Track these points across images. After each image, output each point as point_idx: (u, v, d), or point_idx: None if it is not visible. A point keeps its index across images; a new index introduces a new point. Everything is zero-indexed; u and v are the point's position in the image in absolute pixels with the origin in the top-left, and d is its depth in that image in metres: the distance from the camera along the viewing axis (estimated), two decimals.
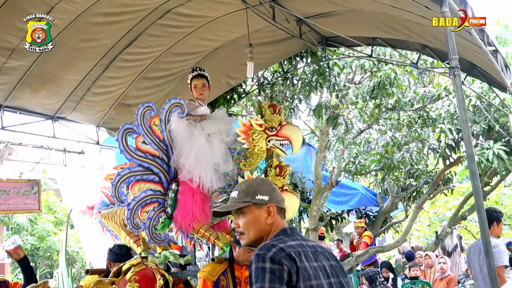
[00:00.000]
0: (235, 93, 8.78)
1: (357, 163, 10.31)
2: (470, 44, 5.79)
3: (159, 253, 4.49)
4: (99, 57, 6.52)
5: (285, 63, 8.62)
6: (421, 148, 9.46)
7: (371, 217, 12.09)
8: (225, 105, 8.48)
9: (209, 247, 6.63)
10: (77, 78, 6.71)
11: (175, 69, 7.37)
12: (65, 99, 7.03)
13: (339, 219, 11.74)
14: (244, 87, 8.99)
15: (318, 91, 8.80)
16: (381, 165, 9.72)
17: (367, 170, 10.49)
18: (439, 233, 11.22)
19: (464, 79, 7.37)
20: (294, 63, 8.62)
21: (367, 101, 8.82)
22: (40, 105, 7.02)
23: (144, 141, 4.34)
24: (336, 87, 8.46)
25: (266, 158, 4.47)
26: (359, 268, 10.40)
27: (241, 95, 9.00)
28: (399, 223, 12.14)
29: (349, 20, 6.89)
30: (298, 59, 8.55)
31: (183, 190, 4.35)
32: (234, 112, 9.57)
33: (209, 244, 5.03)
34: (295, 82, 8.81)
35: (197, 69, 4.97)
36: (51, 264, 13.30)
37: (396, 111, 9.06)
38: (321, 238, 11.26)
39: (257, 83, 9.02)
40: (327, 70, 8.31)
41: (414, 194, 10.71)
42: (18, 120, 7.03)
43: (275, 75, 8.97)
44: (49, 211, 13.47)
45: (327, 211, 10.91)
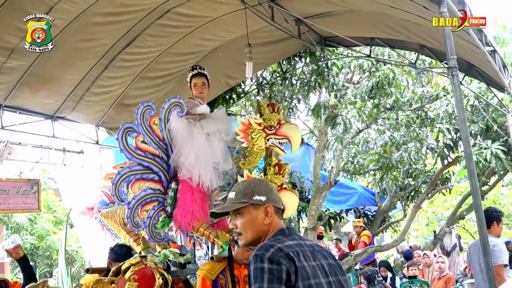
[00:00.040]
0: (234, 93, 8.81)
1: (355, 163, 10.33)
2: (468, 44, 5.81)
3: (159, 252, 4.49)
4: (98, 57, 6.53)
5: (284, 63, 8.64)
6: (420, 147, 9.49)
7: (370, 216, 12.10)
8: (224, 105, 8.49)
9: (208, 246, 6.65)
10: (77, 78, 6.72)
11: (174, 69, 7.38)
12: (64, 99, 7.04)
13: (338, 218, 11.74)
14: (243, 87, 9.01)
15: (316, 91, 8.82)
16: (380, 165, 9.75)
17: (366, 169, 10.51)
18: (437, 232, 11.26)
19: (462, 79, 7.40)
20: (293, 63, 8.66)
21: (365, 101, 8.84)
22: (39, 104, 7.03)
23: (144, 140, 4.35)
24: (334, 87, 8.48)
25: (265, 156, 4.47)
26: (357, 267, 10.41)
27: (240, 95, 9.02)
28: (398, 222, 12.16)
29: (348, 20, 6.92)
30: (297, 59, 8.59)
31: (183, 189, 4.36)
32: (233, 112, 9.59)
33: (208, 242, 5.05)
34: (294, 82, 8.84)
35: (197, 67, 4.97)
36: (51, 263, 13.30)
37: (394, 111, 9.07)
38: (320, 237, 11.28)
39: (256, 83, 9.04)
40: (326, 70, 8.33)
41: (412, 193, 10.73)
42: (17, 119, 7.05)
43: (274, 75, 8.99)
44: (48, 211, 13.45)
45: (326, 211, 10.93)
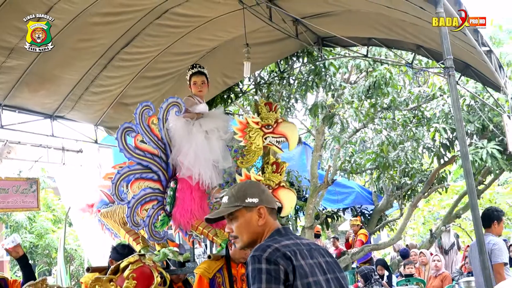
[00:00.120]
0: (232, 93, 8.82)
1: (352, 162, 10.35)
2: (464, 44, 5.85)
3: (158, 251, 4.49)
4: (97, 57, 6.55)
5: (282, 63, 8.66)
6: (416, 147, 9.51)
7: (367, 215, 12.11)
8: (222, 105, 8.52)
9: (206, 244, 6.68)
10: (76, 77, 6.74)
11: (173, 68, 7.40)
12: (63, 98, 7.06)
13: (335, 217, 11.76)
14: (241, 86, 9.02)
15: (314, 90, 8.83)
16: (377, 164, 9.77)
17: (363, 169, 10.53)
18: (433, 231, 11.32)
19: (458, 79, 7.41)
20: (290, 63, 8.67)
21: (362, 100, 8.85)
22: (38, 104, 7.04)
23: (142, 139, 4.36)
24: (332, 87, 8.50)
25: (263, 155, 4.50)
26: (354, 265, 10.46)
27: (238, 94, 9.04)
28: (394, 221, 12.17)
29: (345, 20, 6.94)
30: (294, 59, 8.60)
31: (182, 188, 4.38)
32: (231, 111, 9.61)
33: (207, 241, 5.08)
34: (292, 81, 8.86)
35: (197, 66, 4.98)
36: (50, 261, 13.28)
37: (391, 111, 9.09)
38: (317, 236, 11.30)
39: (253, 83, 9.04)
40: (323, 70, 8.34)
41: (409, 192, 10.75)
42: (17, 119, 7.06)
43: (272, 75, 9.00)
44: (47, 209, 13.44)
45: (323, 210, 10.94)
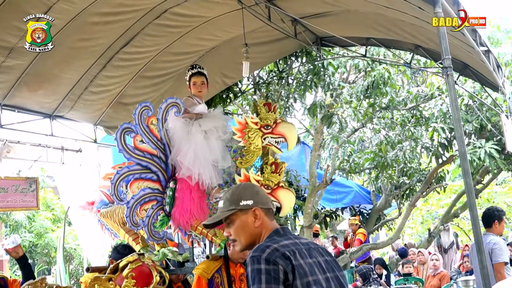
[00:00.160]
0: (231, 92, 8.83)
1: (351, 162, 10.41)
2: (462, 44, 5.87)
3: (158, 251, 4.49)
4: (96, 56, 6.55)
5: (281, 62, 8.68)
6: (414, 146, 9.56)
7: (365, 214, 12.14)
8: (221, 104, 8.53)
9: (205, 244, 6.70)
10: (75, 77, 6.74)
11: (172, 68, 7.41)
12: (62, 98, 7.06)
13: (334, 216, 11.79)
14: (239, 86, 9.03)
15: (313, 90, 8.85)
16: (375, 164, 9.81)
17: (361, 168, 10.58)
18: (431, 230, 11.34)
19: (456, 79, 7.45)
20: (289, 63, 8.69)
21: (361, 100, 8.88)
22: (38, 103, 7.05)
23: (142, 140, 4.36)
24: (330, 87, 8.52)
25: (262, 155, 4.51)
26: (353, 264, 10.49)
27: (236, 94, 9.05)
28: (393, 220, 12.22)
29: (344, 20, 6.96)
30: (293, 58, 8.62)
31: (181, 188, 4.39)
32: (230, 111, 9.63)
33: (206, 241, 5.09)
34: (290, 81, 8.88)
35: (197, 66, 4.98)
36: (49, 260, 13.28)
37: (389, 110, 9.12)
38: (316, 235, 11.33)
39: (252, 82, 9.06)
40: (322, 69, 8.37)
41: (407, 192, 10.78)
42: (16, 118, 7.06)
43: (271, 75, 9.02)
44: (47, 209, 13.45)
45: (322, 209, 10.96)
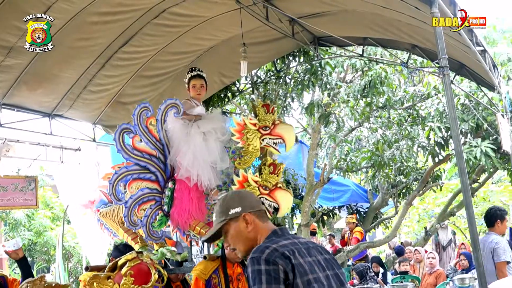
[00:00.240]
0: (229, 92, 8.85)
1: (348, 160, 10.44)
2: (459, 44, 5.91)
3: (156, 250, 4.53)
4: (95, 56, 6.57)
5: (278, 62, 8.70)
6: (411, 145, 9.59)
7: (362, 213, 12.15)
8: (219, 103, 8.56)
9: (203, 244, 6.73)
10: (74, 76, 6.75)
11: (170, 67, 7.44)
12: (62, 97, 7.07)
13: (331, 215, 11.79)
14: (237, 85, 9.05)
15: (310, 89, 8.87)
16: (372, 162, 9.84)
17: (358, 167, 10.61)
18: (428, 229, 11.40)
19: (453, 79, 7.44)
20: (287, 62, 8.72)
21: (358, 99, 8.90)
22: (37, 102, 7.06)
23: (140, 140, 4.39)
24: (328, 86, 8.55)
25: (260, 156, 4.55)
26: (350, 263, 10.53)
27: (234, 93, 9.07)
28: (389, 219, 12.24)
29: (341, 20, 6.99)
30: (291, 58, 8.65)
31: (180, 188, 4.43)
32: (228, 110, 9.66)
33: None
34: (288, 81, 8.90)
35: (196, 69, 5.01)
36: (48, 259, 13.29)
37: (386, 110, 9.14)
38: (313, 233, 11.38)
39: (250, 82, 9.08)
40: (319, 69, 8.40)
41: (404, 190, 10.78)
42: (15, 117, 7.07)
43: (268, 74, 9.04)
44: (46, 207, 13.44)
45: (319, 207, 11.01)
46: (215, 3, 6.37)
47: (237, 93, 9.18)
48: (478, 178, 10.52)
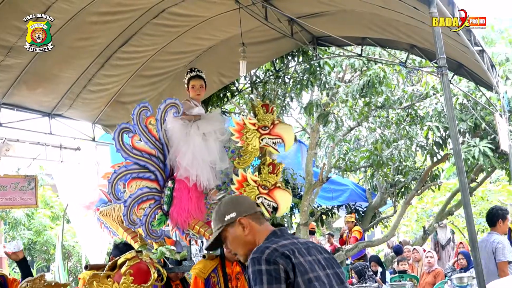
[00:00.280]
0: (228, 91, 8.86)
1: (347, 160, 10.46)
2: (457, 44, 5.92)
3: (156, 249, 4.53)
4: (95, 56, 6.58)
5: (277, 62, 8.72)
6: (409, 145, 9.59)
7: (361, 212, 12.15)
8: (218, 103, 8.58)
9: (202, 241, 6.74)
10: (73, 76, 6.77)
11: (169, 67, 7.45)
12: (61, 97, 7.09)
13: (330, 214, 11.77)
14: (237, 85, 9.07)
15: (309, 89, 8.88)
16: (370, 162, 9.85)
17: (357, 166, 10.62)
18: (426, 228, 11.43)
19: (451, 78, 7.46)
20: (286, 62, 8.73)
21: (357, 99, 8.91)
22: (37, 102, 7.08)
23: (140, 140, 4.38)
24: (326, 86, 8.55)
25: (259, 156, 4.57)
26: (348, 262, 10.55)
27: (234, 93, 9.08)
28: (388, 218, 12.23)
29: (340, 20, 7.00)
30: (289, 58, 8.67)
31: (179, 187, 4.43)
32: (227, 109, 9.68)
33: (203, 239, 5.14)
34: (287, 80, 8.91)
35: (195, 69, 5.01)
36: (48, 258, 13.33)
37: (385, 109, 9.15)
38: (312, 232, 11.40)
39: (249, 82, 9.08)
40: (318, 69, 8.40)
41: (402, 190, 10.78)
42: (15, 117, 7.09)
43: (267, 74, 9.05)
44: (45, 206, 13.47)
45: (318, 207, 11.01)
46: (214, 3, 6.38)
47: (236, 93, 9.19)
48: (476, 177, 10.54)
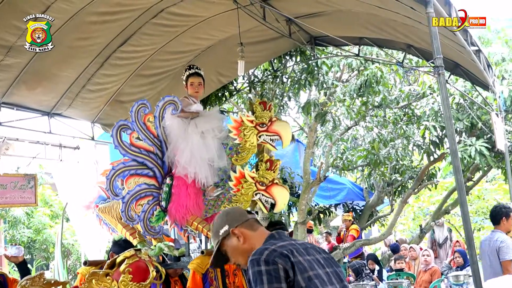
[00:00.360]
0: (226, 91, 8.88)
1: (344, 159, 10.50)
2: (454, 44, 5.95)
3: (154, 245, 4.54)
4: (94, 55, 6.58)
5: (275, 61, 8.73)
6: (406, 144, 9.64)
7: (358, 211, 12.18)
8: (217, 102, 8.60)
9: (201, 240, 6.79)
10: (73, 75, 6.77)
11: (168, 67, 7.46)
12: (61, 96, 7.09)
13: (327, 213, 11.84)
14: (235, 84, 9.08)
15: (307, 89, 8.92)
16: (368, 161, 9.88)
17: (354, 165, 10.67)
18: (423, 226, 11.48)
19: (448, 78, 7.48)
20: (283, 62, 8.74)
21: (354, 98, 8.93)
22: (36, 101, 7.08)
23: (138, 137, 4.38)
24: (324, 85, 8.58)
25: (257, 153, 4.57)
26: (346, 260, 10.60)
27: (232, 92, 9.10)
28: (385, 217, 12.28)
29: (337, 20, 7.03)
30: (287, 57, 8.68)
31: (177, 184, 4.44)
32: (225, 109, 9.71)
33: (202, 236, 5.18)
34: (285, 80, 8.94)
35: (194, 67, 5.02)
36: (47, 256, 13.37)
37: (382, 109, 9.17)
38: (310, 231, 11.42)
39: (247, 81, 9.10)
40: (316, 68, 8.43)
41: (399, 189, 10.81)
42: (15, 116, 7.12)
43: (265, 73, 9.07)
44: (45, 205, 13.49)
45: (315, 205, 11.05)
46: (212, 3, 6.39)
47: (235, 92, 9.20)
48: (472, 176, 10.59)
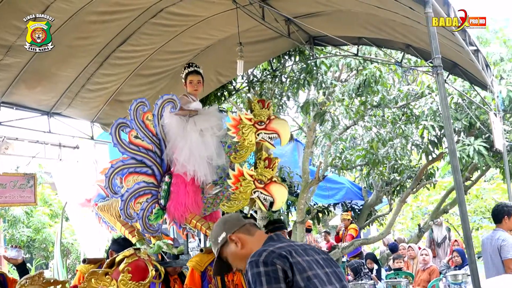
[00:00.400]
0: (225, 90, 8.89)
1: (343, 158, 10.52)
2: (452, 44, 5.98)
3: (153, 244, 4.53)
4: (93, 55, 6.60)
5: (274, 61, 8.75)
6: (405, 144, 9.65)
7: (357, 210, 12.20)
8: (216, 102, 8.62)
9: (200, 238, 6.80)
10: (72, 75, 6.79)
11: (167, 66, 7.47)
12: (60, 95, 7.10)
13: (326, 212, 11.85)
14: (234, 84, 9.09)
15: (305, 88, 8.93)
16: (366, 160, 9.91)
17: (353, 165, 10.69)
18: (421, 226, 11.51)
19: (446, 78, 7.51)
20: (282, 62, 8.75)
21: (353, 98, 8.95)
22: (36, 101, 7.09)
23: (137, 135, 4.38)
24: (323, 85, 8.61)
25: (255, 151, 4.57)
26: (344, 259, 10.62)
27: (231, 92, 9.11)
28: (384, 216, 12.33)
29: (336, 20, 7.04)
30: (286, 57, 8.70)
31: (176, 182, 4.44)
32: (224, 108, 9.72)
33: (201, 234, 5.19)
34: (284, 79, 8.94)
35: (193, 65, 5.00)
36: (47, 255, 13.41)
37: (381, 108, 9.18)
38: (308, 230, 11.45)
39: (246, 81, 9.11)
40: (315, 68, 8.44)
41: (398, 188, 10.85)
42: (14, 115, 7.13)
43: (264, 73, 9.09)
44: (44, 204, 13.53)
45: (314, 205, 11.05)
46: (212, 3, 6.40)
47: (234, 92, 9.21)
48: (471, 176, 10.63)
